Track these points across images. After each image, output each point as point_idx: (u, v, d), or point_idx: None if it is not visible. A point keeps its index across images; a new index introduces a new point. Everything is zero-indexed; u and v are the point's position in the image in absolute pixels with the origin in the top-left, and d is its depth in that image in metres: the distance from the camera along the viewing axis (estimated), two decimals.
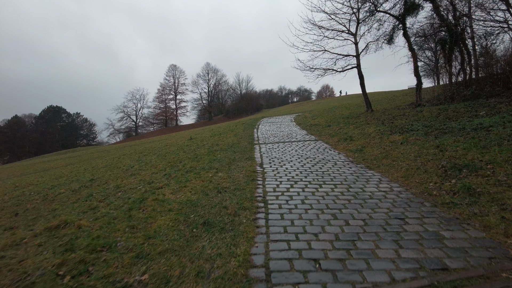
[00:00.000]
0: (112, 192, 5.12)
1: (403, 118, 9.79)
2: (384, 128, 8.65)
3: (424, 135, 6.92)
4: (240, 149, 7.74)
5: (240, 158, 6.40)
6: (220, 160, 6.30)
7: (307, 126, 12.59)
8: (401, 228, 2.75)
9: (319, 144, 8.00)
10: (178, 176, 5.21)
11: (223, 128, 15.09)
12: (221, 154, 7.07)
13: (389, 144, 6.76)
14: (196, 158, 7.03)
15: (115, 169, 8.78)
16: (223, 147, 8.46)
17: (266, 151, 7.20)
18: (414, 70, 14.34)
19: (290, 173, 4.90)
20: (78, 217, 3.51)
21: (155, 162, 7.96)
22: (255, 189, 4.01)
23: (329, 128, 10.76)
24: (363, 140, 7.65)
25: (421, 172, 4.47)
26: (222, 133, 12.22)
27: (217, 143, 9.41)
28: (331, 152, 6.85)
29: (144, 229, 2.83)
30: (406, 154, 5.66)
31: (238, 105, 69.11)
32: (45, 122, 71.84)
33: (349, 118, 12.41)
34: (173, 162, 7.15)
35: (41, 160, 31.03)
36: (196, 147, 9.68)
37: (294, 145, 8.01)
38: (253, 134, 10.90)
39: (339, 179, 4.48)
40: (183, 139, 13.60)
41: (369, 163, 5.50)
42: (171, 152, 9.87)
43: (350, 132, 9.05)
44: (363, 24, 13.76)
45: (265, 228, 2.77)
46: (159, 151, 10.96)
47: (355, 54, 13.26)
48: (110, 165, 10.17)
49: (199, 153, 7.86)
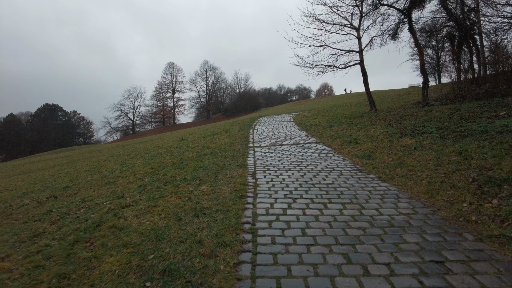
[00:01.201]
0: (75, 207, 4.27)
1: (411, 118, 8.96)
2: (392, 129, 7.82)
3: (440, 139, 6.09)
4: (232, 153, 6.90)
5: (230, 165, 5.55)
6: (207, 167, 5.46)
7: (307, 127, 11.75)
8: (443, 281, 1.92)
9: (320, 148, 7.16)
10: (153, 189, 4.36)
11: (218, 128, 14.23)
12: (210, 160, 6.22)
13: (400, 149, 5.93)
14: (181, 164, 6.18)
15: (95, 174, 7.94)
16: (214, 150, 7.61)
17: (261, 156, 6.36)
18: (420, 67, 13.51)
19: (288, 187, 4.06)
20: (6, 251, 2.66)
21: (138, 167, 7.12)
22: (243, 210, 3.17)
23: (331, 129, 9.93)
24: (370, 143, 6.82)
25: (448, 187, 3.64)
26: (216, 134, 11.36)
27: (208, 146, 8.57)
28: (334, 157, 6.01)
29: (78, 281, 1.98)
30: (424, 162, 4.83)
31: (237, 104, 68.17)
32: (41, 120, 70.88)
33: (352, 118, 11.58)
34: (155, 169, 6.30)
35: (32, 160, 30.13)
36: (185, 149, 8.84)
37: (293, 149, 7.17)
38: (248, 135, 10.05)
39: (348, 196, 3.65)
40: (175, 140, 12.74)
41: (381, 172, 4.66)
42: (158, 155, 9.02)
43: (355, 134, 8.22)
44: (366, 18, 12.91)
45: (250, 281, 1.94)
46: (146, 153, 10.11)
47: (358, 50, 12.41)
48: (93, 169, 9.32)
49: (186, 157, 7.01)
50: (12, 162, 32.02)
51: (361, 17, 12.23)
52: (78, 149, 36.86)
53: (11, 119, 67.44)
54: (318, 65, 12.40)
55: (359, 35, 12.32)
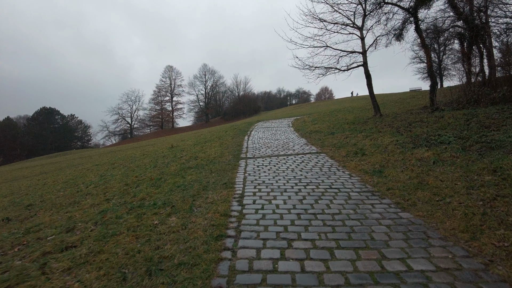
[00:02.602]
0: (9, 244, 3.35)
1: (422, 125, 8.07)
2: (403, 138, 6.93)
3: (462, 151, 5.20)
4: (220, 166, 5.99)
5: (215, 183, 4.65)
6: (187, 186, 4.55)
7: (307, 133, 10.86)
8: None
9: (322, 160, 6.26)
10: (112, 219, 3.45)
11: (212, 134, 13.34)
12: (193, 175, 5.32)
13: (416, 163, 5.03)
14: (159, 181, 5.27)
15: (70, 188, 7.04)
16: (201, 162, 6.72)
17: (253, 171, 5.45)
18: (428, 69, 12.68)
19: (282, 219, 3.15)
20: None
21: (113, 182, 6.22)
22: (217, 263, 2.26)
23: (333, 137, 9.03)
24: (379, 155, 5.92)
25: (494, 223, 2.74)
26: (208, 141, 10.46)
27: (197, 155, 7.67)
28: (339, 173, 5.11)
29: None
30: (450, 182, 3.93)
31: (236, 107, 67.45)
32: (38, 124, 70.17)
33: (355, 124, 10.70)
34: (129, 185, 5.40)
35: (24, 165, 29.19)
36: (171, 159, 7.94)
37: (291, 161, 6.27)
38: (242, 143, 9.15)
39: (361, 235, 2.75)
40: (165, 147, 11.84)
41: (398, 196, 3.76)
42: (142, 165, 8.13)
43: (360, 143, 7.33)
44: (369, 17, 12.10)
45: None
46: (131, 163, 9.22)
47: (361, 51, 11.57)
48: (71, 181, 8.42)
49: (168, 171, 6.11)
50: (3, 168, 31.05)
51: (364, 16, 11.42)
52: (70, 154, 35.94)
53: (8, 123, 66.67)
54: (319, 67, 11.56)
55: (362, 35, 11.49)
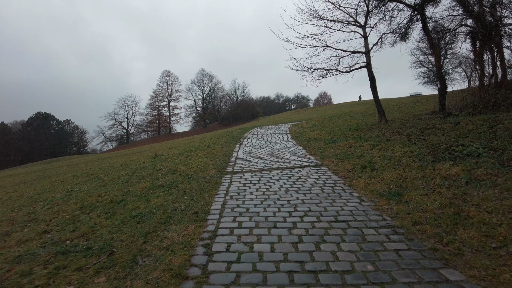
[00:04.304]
0: None
1: (437, 132, 7.01)
2: (418, 149, 5.86)
3: (501, 167, 4.12)
4: (198, 184, 4.89)
5: (183, 211, 3.54)
6: (145, 216, 3.45)
7: (305, 141, 9.78)
8: None
9: (324, 176, 5.16)
10: (12, 280, 2.34)
11: (202, 142, 12.23)
12: (161, 198, 4.21)
13: (443, 183, 3.95)
14: (118, 205, 4.17)
15: (25, 208, 5.93)
16: (178, 177, 5.62)
17: (237, 192, 4.35)
18: (437, 70, 11.70)
19: (266, 285, 2.04)
20: None
21: (71, 202, 5.10)
22: None
23: (335, 145, 7.96)
24: (392, 170, 4.84)
25: None
26: (195, 150, 9.36)
27: (176, 168, 6.57)
28: (346, 195, 4.01)
29: None
30: (501, 214, 2.84)
31: (234, 112, 66.49)
32: (33, 129, 68.99)
33: (359, 131, 9.63)
34: (83, 210, 4.29)
35: (8, 173, 27.90)
36: (147, 173, 6.84)
37: (285, 177, 5.17)
38: (232, 153, 8.06)
39: None
40: (149, 156, 10.73)
41: (432, 236, 2.66)
42: (114, 179, 7.02)
43: (367, 154, 6.25)
44: (372, 16, 11.14)
45: None
46: (105, 175, 8.11)
47: (364, 51, 10.58)
48: (35, 196, 7.31)
49: (134, 190, 4.99)
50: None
51: (367, 13, 10.46)
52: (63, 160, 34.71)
53: (1, 128, 65.46)
54: (318, 69, 10.54)
55: (365, 33, 10.51)
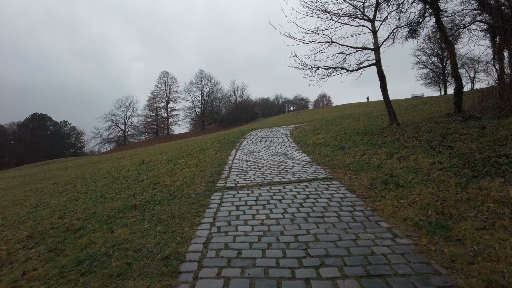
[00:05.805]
0: None
1: (463, 138, 6.02)
2: (447, 159, 4.86)
3: None
4: (180, 206, 3.88)
5: (149, 256, 2.54)
6: (98, 262, 2.45)
7: (309, 146, 8.79)
8: None
9: (337, 194, 4.16)
10: None
11: (195, 147, 11.22)
12: (127, 229, 3.21)
13: (501, 210, 2.96)
14: (73, 236, 3.17)
15: None
16: (157, 193, 4.61)
17: (227, 221, 3.34)
18: (451, 69, 10.71)
19: None
20: None
21: (27, 225, 4.09)
22: None
23: (344, 153, 6.96)
24: (423, 188, 3.84)
25: None
26: (185, 157, 8.35)
27: (159, 181, 5.57)
28: (372, 225, 3.01)
29: None
30: None
31: (233, 114, 65.54)
32: (28, 130, 67.86)
33: (369, 135, 8.65)
34: (30, 239, 3.28)
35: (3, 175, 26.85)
36: (127, 185, 5.84)
37: (290, 195, 4.17)
38: (226, 161, 7.06)
39: None
40: (136, 162, 9.72)
41: None
42: (89, 192, 6.03)
43: (386, 165, 5.25)
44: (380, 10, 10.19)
45: None
46: (84, 185, 7.12)
47: (373, 47, 9.62)
48: (3, 208, 6.33)
49: (102, 211, 3.99)
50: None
51: (377, 5, 9.51)
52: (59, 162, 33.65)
53: None
54: (322, 68, 9.57)
55: (374, 28, 9.56)
